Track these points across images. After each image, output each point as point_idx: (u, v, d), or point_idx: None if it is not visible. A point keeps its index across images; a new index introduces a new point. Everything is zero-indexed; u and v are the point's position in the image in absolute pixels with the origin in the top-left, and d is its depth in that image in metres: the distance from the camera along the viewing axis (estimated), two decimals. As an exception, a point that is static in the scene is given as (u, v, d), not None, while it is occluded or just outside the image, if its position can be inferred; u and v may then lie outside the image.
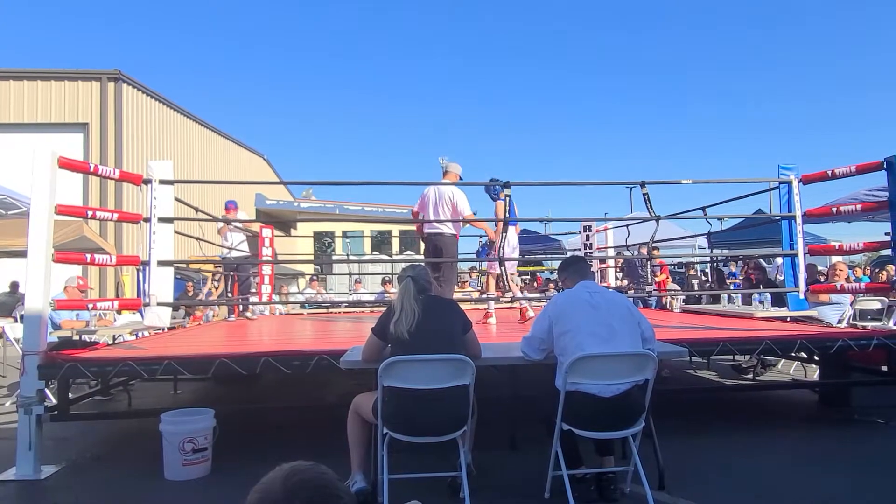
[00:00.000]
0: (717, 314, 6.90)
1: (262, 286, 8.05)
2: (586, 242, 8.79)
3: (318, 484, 0.90)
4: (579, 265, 3.44)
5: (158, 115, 16.06)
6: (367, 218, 19.84)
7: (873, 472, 3.57)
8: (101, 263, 4.63)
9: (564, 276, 3.39)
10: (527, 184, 5.98)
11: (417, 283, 3.10)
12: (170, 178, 4.81)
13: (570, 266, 3.43)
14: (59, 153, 4.03)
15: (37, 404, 3.72)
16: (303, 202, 20.99)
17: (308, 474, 0.91)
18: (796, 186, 5.36)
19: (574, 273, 3.33)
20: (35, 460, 3.67)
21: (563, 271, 3.44)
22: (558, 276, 3.57)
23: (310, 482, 0.90)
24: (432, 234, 6.00)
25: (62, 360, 3.90)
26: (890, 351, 4.55)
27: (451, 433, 2.91)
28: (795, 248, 5.32)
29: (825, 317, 6.15)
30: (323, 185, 25.90)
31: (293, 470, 0.92)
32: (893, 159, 4.62)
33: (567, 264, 3.49)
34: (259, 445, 4.11)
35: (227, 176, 20.11)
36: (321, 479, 0.91)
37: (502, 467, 3.63)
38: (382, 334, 3.06)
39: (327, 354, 3.86)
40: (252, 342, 5.57)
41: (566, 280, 3.35)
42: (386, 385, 2.86)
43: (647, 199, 5.54)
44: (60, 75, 14.28)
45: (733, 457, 3.84)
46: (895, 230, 4.69)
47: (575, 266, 3.41)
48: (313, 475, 0.91)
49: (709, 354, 4.68)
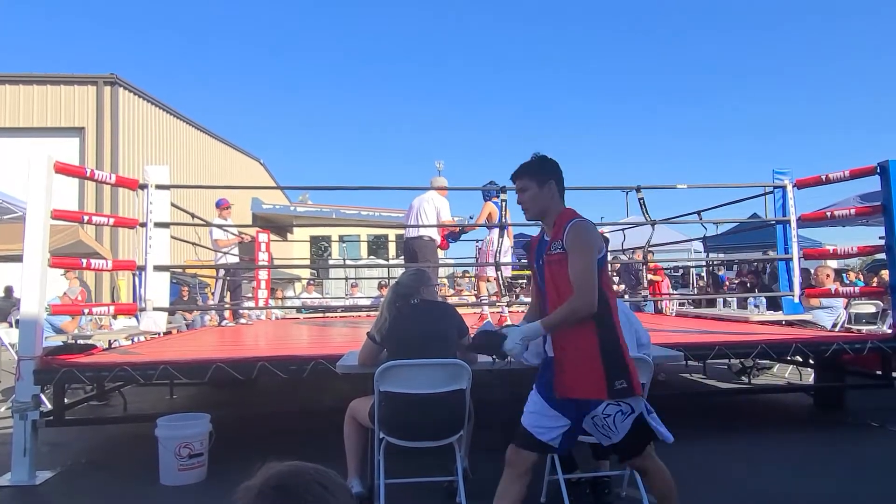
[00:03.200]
0: (712, 318, 6.92)
1: (259, 291, 8.04)
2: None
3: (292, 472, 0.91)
4: None
5: (155, 119, 16.04)
6: (364, 222, 19.83)
7: (868, 476, 3.59)
8: (98, 268, 4.64)
9: None
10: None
11: (403, 287, 3.11)
12: (166, 183, 4.82)
13: None
14: (55, 158, 4.02)
15: (32, 409, 3.71)
16: (299, 206, 20.97)
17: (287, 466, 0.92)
18: (791, 191, 5.40)
19: None
20: (30, 466, 3.65)
21: None
22: None
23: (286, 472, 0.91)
24: (410, 239, 6.17)
25: (58, 364, 3.89)
26: (884, 354, 4.58)
27: (447, 437, 2.92)
28: (790, 253, 5.35)
29: (820, 320, 6.18)
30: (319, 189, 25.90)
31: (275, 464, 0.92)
32: (887, 164, 4.66)
33: None
34: (255, 450, 4.07)
35: (223, 180, 20.09)
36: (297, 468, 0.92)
37: (499, 472, 3.61)
38: (378, 339, 3.06)
39: (324, 359, 3.86)
40: (248, 347, 5.57)
41: None
42: (382, 389, 2.86)
43: (643, 203, 5.57)
44: (57, 80, 14.27)
45: (729, 460, 3.85)
46: (889, 234, 4.72)
47: None
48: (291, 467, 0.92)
49: (704, 358, 4.70)
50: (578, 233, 2.26)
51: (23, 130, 13.91)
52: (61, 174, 4.09)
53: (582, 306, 2.17)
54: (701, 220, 7.03)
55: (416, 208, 6.19)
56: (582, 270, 2.20)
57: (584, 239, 2.25)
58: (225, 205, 7.95)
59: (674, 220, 7.85)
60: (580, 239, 2.24)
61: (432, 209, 6.07)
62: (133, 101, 15.00)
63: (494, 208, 6.15)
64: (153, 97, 15.85)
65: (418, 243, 6.08)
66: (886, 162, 4.66)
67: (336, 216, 19.44)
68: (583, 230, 2.27)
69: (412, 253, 6.09)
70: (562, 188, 2.44)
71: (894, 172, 4.63)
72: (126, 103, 14.62)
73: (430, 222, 5.99)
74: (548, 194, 2.38)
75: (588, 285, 2.18)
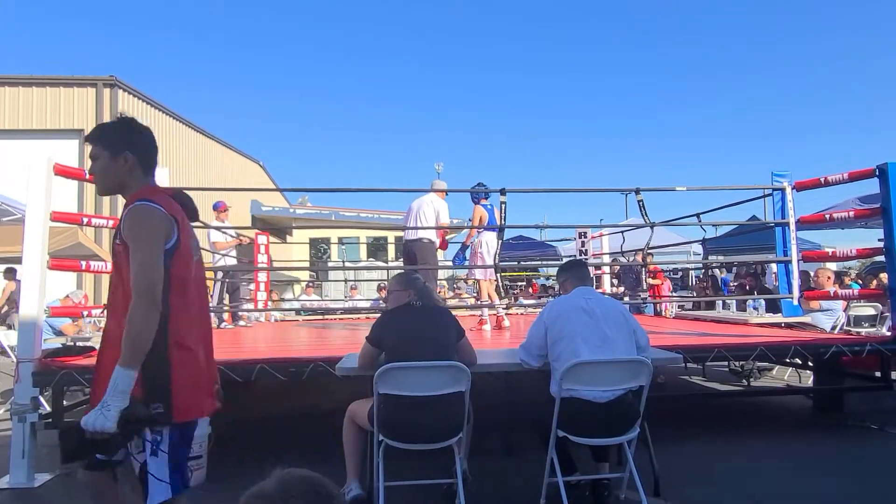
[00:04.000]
0: (711, 320, 6.93)
1: (258, 293, 8.04)
2: (582, 249, 8.82)
3: (314, 483, 0.92)
4: (580, 269, 3.43)
5: (154, 121, 16.02)
6: (363, 224, 19.82)
7: (867, 477, 3.60)
8: (97, 270, 4.63)
9: (564, 279, 3.37)
10: (522, 190, 6.08)
11: (418, 292, 3.13)
12: (165, 184, 4.81)
13: (570, 269, 3.43)
14: (54, 160, 4.03)
15: (31, 412, 3.71)
16: (299, 208, 20.96)
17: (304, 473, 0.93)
18: (790, 193, 5.40)
19: (574, 277, 3.31)
20: (29, 468, 3.65)
21: (563, 273, 3.43)
22: (557, 279, 3.57)
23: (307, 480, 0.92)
24: (409, 241, 6.17)
25: (57, 367, 3.88)
26: (883, 357, 4.58)
27: (446, 440, 2.91)
28: (789, 255, 5.36)
29: (819, 323, 6.18)
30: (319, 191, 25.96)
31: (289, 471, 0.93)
32: (886, 166, 4.67)
33: (567, 267, 3.50)
34: (254, 453, 4.09)
35: (222, 182, 20.08)
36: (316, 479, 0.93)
37: (498, 474, 3.63)
38: (377, 342, 3.06)
39: (323, 361, 3.86)
40: (247, 349, 5.56)
41: (565, 283, 3.34)
42: (381, 392, 2.86)
43: (642, 205, 5.58)
44: (56, 81, 14.25)
45: (728, 463, 3.85)
46: (888, 236, 4.72)
47: (575, 270, 3.41)
48: (309, 475, 0.93)
49: (704, 360, 4.70)
50: (134, 219, 1.80)
51: (22, 132, 13.90)
52: (61, 176, 4.09)
53: (142, 316, 1.71)
54: (700, 222, 7.04)
55: (415, 210, 6.21)
56: (139, 268, 1.75)
57: (142, 227, 1.79)
58: (222, 207, 7.95)
59: (673, 223, 7.86)
60: (136, 227, 1.79)
61: (432, 211, 6.08)
62: (132, 102, 14.99)
63: (484, 211, 6.17)
64: (152, 99, 15.84)
65: (418, 245, 6.11)
66: (885, 164, 4.67)
67: (335, 218, 19.44)
68: (141, 215, 1.80)
69: (412, 255, 6.10)
70: (147, 163, 1.97)
71: (893, 175, 4.63)
72: (125, 105, 14.60)
73: (430, 225, 6.00)
74: (123, 167, 1.92)
75: (146, 287, 1.73)
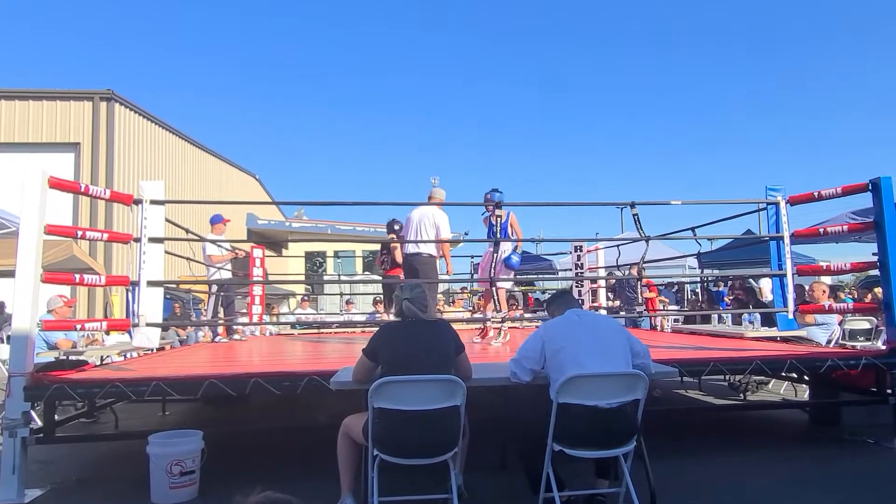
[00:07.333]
0: (707, 334, 6.93)
1: (253, 306, 8.00)
2: (577, 262, 8.83)
3: None
4: (566, 295, 3.61)
5: (150, 134, 16.06)
6: (359, 238, 19.83)
7: (863, 492, 3.58)
8: (91, 284, 4.61)
9: (553, 309, 3.45)
10: (518, 204, 6.09)
11: (415, 304, 3.11)
12: (161, 198, 4.81)
13: (557, 299, 3.53)
14: (49, 173, 4.02)
15: (22, 427, 3.67)
16: (294, 222, 20.98)
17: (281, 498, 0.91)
18: (784, 207, 5.43)
19: (562, 304, 3.40)
20: (19, 483, 3.61)
21: (551, 304, 3.53)
22: (547, 311, 3.65)
23: None
24: (409, 255, 6.11)
25: (49, 381, 3.85)
26: (878, 371, 4.58)
27: (442, 454, 2.89)
28: (784, 269, 5.37)
29: (814, 337, 6.19)
30: (315, 205, 25.96)
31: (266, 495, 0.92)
32: (878, 181, 4.70)
33: (554, 298, 3.61)
34: (248, 468, 4.06)
35: (218, 196, 20.08)
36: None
37: (494, 489, 3.61)
38: (373, 355, 3.05)
39: (317, 375, 3.84)
40: (242, 363, 5.53)
41: (555, 312, 3.41)
42: (376, 406, 2.84)
43: (637, 219, 5.60)
44: (52, 95, 14.28)
45: (724, 477, 3.83)
46: (881, 251, 4.74)
47: (562, 298, 3.52)
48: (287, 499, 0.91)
49: (699, 374, 4.69)
50: None
51: (18, 146, 13.89)
52: (56, 189, 4.08)
53: None
54: (695, 236, 7.06)
55: (415, 222, 6.13)
56: None
57: None
58: (223, 221, 7.92)
59: (669, 237, 7.88)
60: None
61: (432, 226, 6.02)
62: (129, 116, 15.02)
63: (514, 217, 6.12)
64: (149, 112, 15.88)
65: (418, 260, 6.04)
66: (878, 179, 4.70)
67: (331, 231, 19.45)
68: None
69: (413, 270, 6.05)
70: None
71: (886, 189, 4.67)
72: (121, 119, 14.63)
73: (430, 239, 5.96)
74: None
75: None
